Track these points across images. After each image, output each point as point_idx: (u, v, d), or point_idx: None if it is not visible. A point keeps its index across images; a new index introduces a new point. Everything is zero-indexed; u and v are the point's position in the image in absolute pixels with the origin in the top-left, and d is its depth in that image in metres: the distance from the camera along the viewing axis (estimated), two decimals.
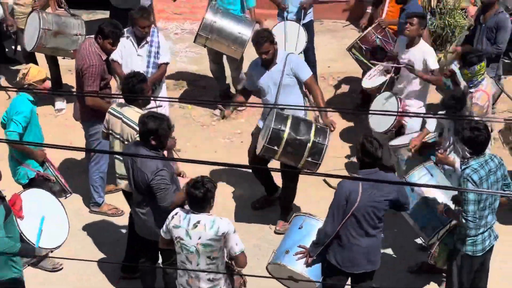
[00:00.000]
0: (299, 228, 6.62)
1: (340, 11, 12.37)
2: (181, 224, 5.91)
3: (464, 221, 6.28)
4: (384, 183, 6.04)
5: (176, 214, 5.98)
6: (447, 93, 7.71)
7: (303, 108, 7.79)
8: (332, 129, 7.67)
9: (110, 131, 7.26)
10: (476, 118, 6.80)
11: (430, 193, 6.91)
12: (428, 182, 6.93)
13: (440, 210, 6.64)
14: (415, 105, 8.36)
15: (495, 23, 8.81)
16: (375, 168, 6.12)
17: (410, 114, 8.10)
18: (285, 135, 7.38)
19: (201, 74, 10.94)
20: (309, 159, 7.44)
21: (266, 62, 7.80)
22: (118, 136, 7.19)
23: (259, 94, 8.07)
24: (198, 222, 5.86)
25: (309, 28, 9.88)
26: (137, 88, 7.09)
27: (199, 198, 5.83)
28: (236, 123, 10.05)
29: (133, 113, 7.04)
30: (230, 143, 9.73)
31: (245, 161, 8.24)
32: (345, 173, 8.90)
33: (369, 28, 9.36)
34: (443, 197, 6.86)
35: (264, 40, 7.65)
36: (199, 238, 5.85)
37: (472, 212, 6.26)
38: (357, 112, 10.01)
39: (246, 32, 9.27)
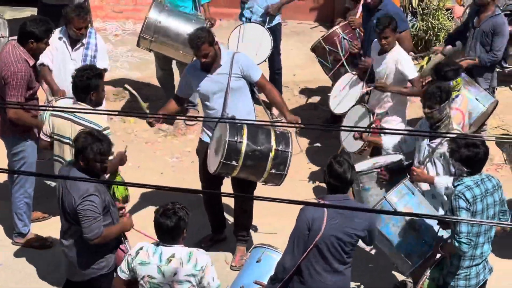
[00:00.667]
0: (257, 261, 6.65)
1: (307, 10, 12.43)
2: (151, 260, 5.88)
3: (457, 244, 6.36)
4: (357, 210, 6.09)
5: (141, 249, 5.94)
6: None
7: (266, 122, 7.83)
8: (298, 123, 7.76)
9: (56, 137, 7.19)
10: (457, 135, 6.91)
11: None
12: (410, 202, 7.00)
13: (436, 250, 6.73)
14: (392, 122, 8.46)
15: (491, 27, 8.89)
16: (345, 193, 6.15)
17: (386, 131, 8.15)
18: (243, 147, 7.35)
19: (145, 82, 10.96)
20: (273, 171, 7.45)
21: (206, 66, 7.74)
22: (67, 141, 7.12)
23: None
24: (173, 255, 5.87)
25: (275, 32, 9.96)
26: (92, 83, 7.07)
27: (170, 228, 5.82)
28: (185, 140, 10.05)
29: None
30: (178, 163, 9.75)
31: (197, 184, 8.22)
32: (311, 199, 8.95)
33: (336, 27, 9.38)
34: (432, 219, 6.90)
35: (201, 41, 7.55)
36: (175, 274, 5.86)
37: (465, 233, 6.34)
38: (327, 128, 9.97)
39: None
